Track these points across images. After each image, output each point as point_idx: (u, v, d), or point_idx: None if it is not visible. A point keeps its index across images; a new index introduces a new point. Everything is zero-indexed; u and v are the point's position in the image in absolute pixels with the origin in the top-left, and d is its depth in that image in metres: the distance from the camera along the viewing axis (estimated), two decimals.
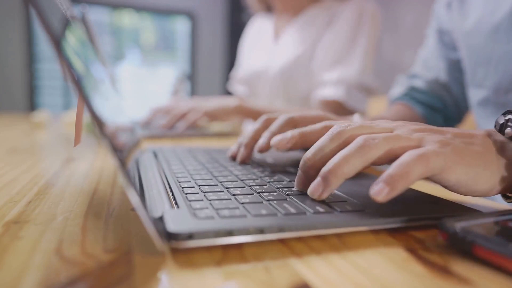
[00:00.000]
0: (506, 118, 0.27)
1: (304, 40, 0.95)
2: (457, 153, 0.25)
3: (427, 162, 0.23)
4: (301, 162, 0.28)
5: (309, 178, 0.27)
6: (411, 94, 0.67)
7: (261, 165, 0.39)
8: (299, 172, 0.29)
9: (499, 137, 0.28)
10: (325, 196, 0.25)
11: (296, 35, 0.97)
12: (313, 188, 0.26)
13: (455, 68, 0.63)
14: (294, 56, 0.95)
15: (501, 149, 0.27)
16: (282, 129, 0.38)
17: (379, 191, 0.22)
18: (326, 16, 0.95)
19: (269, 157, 0.45)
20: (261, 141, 0.38)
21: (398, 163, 0.23)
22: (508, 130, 0.27)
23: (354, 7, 0.92)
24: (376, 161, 0.26)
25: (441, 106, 0.65)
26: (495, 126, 0.28)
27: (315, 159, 0.27)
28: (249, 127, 0.41)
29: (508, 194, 0.27)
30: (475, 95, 0.55)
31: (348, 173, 0.25)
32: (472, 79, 0.55)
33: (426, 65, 0.67)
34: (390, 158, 0.26)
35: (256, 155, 0.46)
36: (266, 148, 0.38)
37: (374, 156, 0.25)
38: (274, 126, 0.39)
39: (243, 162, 0.40)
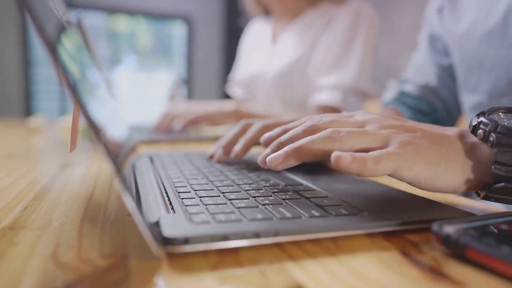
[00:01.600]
0: (479, 120, 0.28)
1: (301, 44, 0.96)
2: (417, 152, 0.26)
3: (377, 162, 0.25)
4: (275, 142, 0.31)
5: None
6: (401, 99, 0.68)
7: (257, 169, 0.39)
8: (268, 150, 0.31)
9: (471, 138, 0.28)
10: (280, 167, 0.28)
11: (294, 39, 0.98)
12: (273, 157, 0.28)
13: (446, 73, 0.63)
14: (291, 60, 0.95)
15: (470, 150, 0.28)
16: (256, 136, 0.41)
17: (345, 157, 0.24)
18: (323, 20, 0.95)
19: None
20: (237, 148, 0.42)
21: (360, 154, 0.25)
22: (479, 131, 0.28)
23: (351, 10, 0.93)
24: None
25: (430, 111, 0.65)
26: (469, 127, 0.29)
27: (287, 142, 0.30)
28: (229, 131, 0.45)
29: (479, 192, 0.28)
30: (468, 100, 0.55)
31: (308, 154, 0.27)
32: (465, 84, 0.55)
33: (417, 70, 0.68)
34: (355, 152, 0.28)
35: (249, 158, 0.46)
36: (241, 154, 0.41)
37: (335, 148, 0.27)
38: (249, 133, 0.42)
39: (219, 162, 0.43)
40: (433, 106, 0.65)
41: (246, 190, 0.29)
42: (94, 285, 0.17)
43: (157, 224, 0.21)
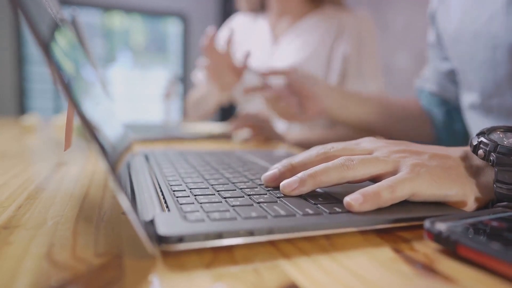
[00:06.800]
0: (479, 140, 0.29)
1: (306, 46, 0.96)
2: (430, 175, 0.27)
3: (393, 191, 0.25)
4: (284, 163, 0.31)
5: (282, 178, 0.30)
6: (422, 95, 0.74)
7: (252, 167, 0.39)
8: (275, 170, 0.31)
9: (475, 160, 0.30)
10: (294, 193, 0.28)
11: (299, 40, 0.98)
12: (288, 183, 0.28)
13: (447, 79, 0.66)
14: (296, 61, 0.95)
15: (476, 172, 0.29)
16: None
17: (355, 199, 0.25)
18: (329, 25, 0.96)
19: (260, 160, 0.45)
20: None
21: (371, 188, 0.26)
22: (480, 152, 0.29)
23: (362, 20, 0.95)
24: (352, 180, 0.28)
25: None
26: (470, 146, 0.30)
27: (298, 166, 0.31)
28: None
29: None
30: (465, 98, 0.56)
31: (323, 182, 0.28)
32: (462, 83, 0.56)
33: (424, 79, 0.72)
34: (368, 179, 0.29)
35: (244, 156, 0.46)
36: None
37: (350, 176, 0.28)
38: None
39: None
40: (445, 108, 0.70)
41: (241, 189, 0.30)
42: (89, 284, 0.17)
43: (151, 222, 0.21)
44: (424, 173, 0.27)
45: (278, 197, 0.27)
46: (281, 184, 0.28)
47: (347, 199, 0.25)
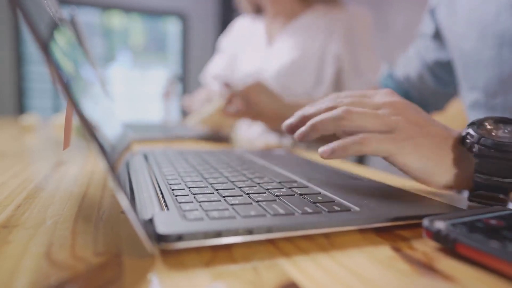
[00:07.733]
0: (467, 131, 0.30)
1: (299, 45, 0.96)
2: (414, 147, 0.29)
3: (368, 144, 0.29)
4: (298, 114, 0.35)
5: (298, 126, 0.34)
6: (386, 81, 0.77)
7: (251, 166, 0.39)
8: (292, 120, 0.35)
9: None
10: (300, 140, 0.32)
11: (291, 39, 0.98)
12: (297, 132, 0.33)
13: (429, 72, 0.67)
14: (289, 60, 0.96)
15: (462, 158, 0.30)
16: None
17: (327, 150, 0.30)
18: (322, 23, 0.96)
19: (259, 159, 0.45)
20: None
21: (351, 138, 0.29)
22: (466, 141, 0.30)
23: (353, 17, 0.95)
24: (348, 130, 0.31)
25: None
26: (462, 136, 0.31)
27: (310, 116, 0.34)
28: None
29: (473, 198, 0.31)
30: (466, 97, 0.56)
31: (321, 129, 0.31)
32: (464, 81, 0.56)
33: (406, 61, 0.73)
34: (362, 132, 0.31)
35: (244, 156, 0.46)
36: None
37: (345, 125, 0.30)
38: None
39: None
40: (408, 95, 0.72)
41: (240, 187, 0.30)
42: (88, 283, 0.17)
43: (151, 221, 0.21)
44: (410, 144, 0.29)
45: (277, 196, 0.27)
46: (296, 134, 0.33)
47: (319, 151, 0.30)
